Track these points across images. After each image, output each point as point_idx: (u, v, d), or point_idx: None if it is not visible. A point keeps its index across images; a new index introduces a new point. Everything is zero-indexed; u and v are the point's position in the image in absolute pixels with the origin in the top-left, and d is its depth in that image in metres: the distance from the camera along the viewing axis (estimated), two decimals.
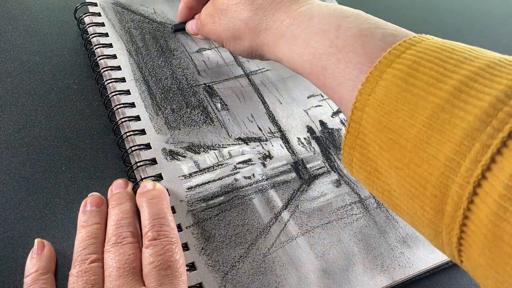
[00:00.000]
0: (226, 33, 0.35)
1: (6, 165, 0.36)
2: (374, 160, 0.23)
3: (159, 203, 0.32)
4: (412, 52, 0.22)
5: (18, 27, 0.45)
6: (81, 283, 0.28)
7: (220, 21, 0.35)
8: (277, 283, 0.32)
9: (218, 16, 0.35)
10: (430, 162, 0.20)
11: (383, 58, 0.23)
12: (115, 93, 0.40)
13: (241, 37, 0.34)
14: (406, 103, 0.21)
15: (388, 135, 0.22)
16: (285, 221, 0.35)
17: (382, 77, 0.22)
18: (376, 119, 0.22)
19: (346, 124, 0.24)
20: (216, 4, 0.35)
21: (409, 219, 0.23)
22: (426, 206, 0.21)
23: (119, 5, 0.48)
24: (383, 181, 0.23)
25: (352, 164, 0.25)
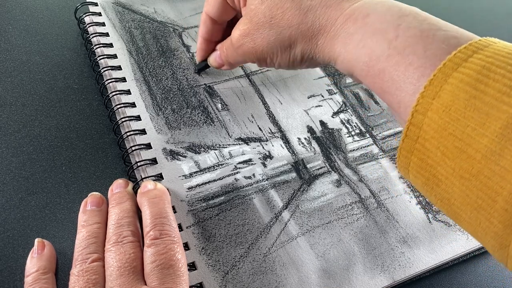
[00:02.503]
0: (273, 46, 0.32)
1: (6, 165, 0.36)
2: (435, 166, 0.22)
3: (160, 203, 0.32)
4: (480, 57, 0.21)
5: (18, 27, 0.45)
6: (82, 283, 0.28)
7: (263, 35, 0.31)
8: (278, 282, 0.32)
9: (259, 31, 0.32)
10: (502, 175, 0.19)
11: (449, 61, 0.22)
12: (115, 93, 0.40)
13: (292, 44, 0.31)
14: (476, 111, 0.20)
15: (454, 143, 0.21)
16: (285, 221, 0.35)
17: (447, 81, 0.21)
18: (440, 125, 0.21)
19: (405, 127, 0.23)
20: (254, 19, 0.32)
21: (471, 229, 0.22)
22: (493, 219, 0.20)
23: (120, 5, 0.48)
24: (443, 189, 0.22)
25: (409, 169, 0.24)
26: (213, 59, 0.38)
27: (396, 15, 0.26)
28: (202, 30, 0.37)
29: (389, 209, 0.38)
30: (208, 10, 0.35)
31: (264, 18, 0.31)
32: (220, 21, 0.36)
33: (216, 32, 0.37)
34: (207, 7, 0.35)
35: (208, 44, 0.38)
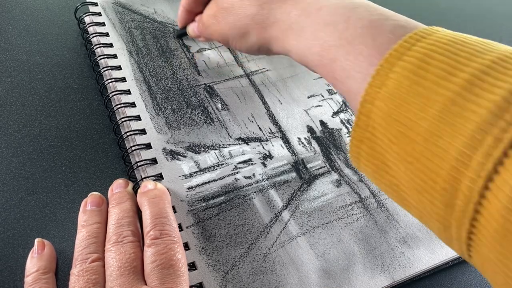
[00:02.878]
0: (232, 31, 0.34)
1: (6, 165, 0.36)
2: (383, 153, 0.23)
3: (160, 203, 0.32)
4: (423, 45, 0.22)
5: (18, 27, 0.45)
6: (82, 283, 0.28)
7: (225, 20, 0.34)
8: (278, 282, 0.32)
9: (222, 15, 0.34)
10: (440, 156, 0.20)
11: (393, 50, 0.23)
12: (115, 93, 0.40)
13: (248, 33, 0.33)
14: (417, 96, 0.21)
15: (398, 128, 0.22)
16: (285, 221, 0.35)
17: (392, 70, 0.22)
18: (386, 112, 0.22)
19: (355, 117, 0.24)
20: (219, 4, 0.34)
21: (417, 213, 0.23)
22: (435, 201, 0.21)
23: (120, 5, 0.48)
24: (392, 175, 0.23)
25: (360, 158, 0.25)
26: (191, 29, 0.40)
27: (348, 8, 0.27)
28: (184, 2, 0.38)
29: (389, 209, 0.38)
30: None
31: (226, 3, 0.33)
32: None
33: (196, 4, 0.38)
34: None
35: (188, 14, 0.39)
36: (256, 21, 0.31)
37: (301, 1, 0.29)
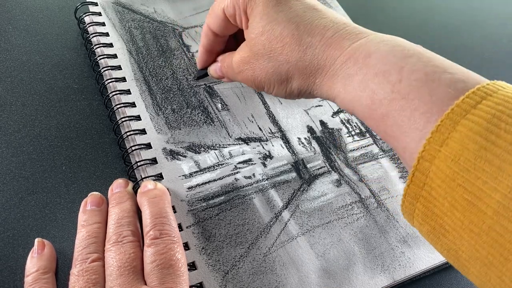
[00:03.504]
0: (270, 78, 0.31)
1: (6, 165, 0.36)
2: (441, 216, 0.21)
3: (160, 202, 0.32)
4: (490, 104, 0.21)
5: (18, 27, 0.45)
6: (82, 282, 0.28)
7: (262, 66, 0.30)
8: (278, 282, 0.32)
9: (258, 61, 0.31)
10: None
11: (456, 106, 0.21)
12: (115, 93, 0.40)
13: (289, 79, 0.30)
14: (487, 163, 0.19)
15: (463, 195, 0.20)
16: (285, 221, 0.35)
17: (455, 128, 0.20)
18: (448, 175, 0.20)
19: (410, 173, 0.22)
20: (254, 49, 0.30)
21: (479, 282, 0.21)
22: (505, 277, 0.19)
23: (120, 5, 0.48)
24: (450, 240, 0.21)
25: (414, 215, 0.24)
26: (213, 70, 0.37)
27: (399, 56, 0.25)
28: (203, 41, 0.35)
29: (389, 208, 0.37)
30: (210, 23, 0.34)
31: (263, 49, 0.30)
32: (221, 35, 0.34)
33: (217, 43, 0.35)
34: (209, 20, 0.34)
35: (209, 54, 0.37)
36: (298, 67, 0.29)
37: (347, 45, 0.27)
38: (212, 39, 0.35)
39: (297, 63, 0.29)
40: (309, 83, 0.29)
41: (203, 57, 0.37)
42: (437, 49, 0.57)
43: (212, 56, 0.37)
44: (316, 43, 0.28)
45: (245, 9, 0.30)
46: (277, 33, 0.29)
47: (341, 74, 0.27)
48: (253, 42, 0.30)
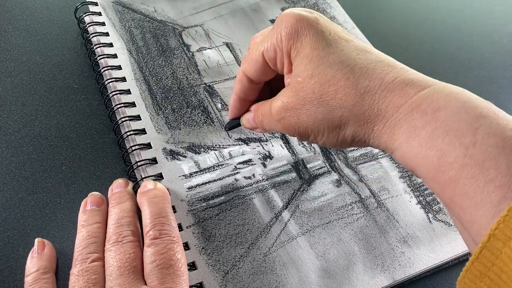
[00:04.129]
0: (320, 124, 0.28)
1: (6, 165, 0.36)
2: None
3: (160, 202, 0.32)
4: None
5: (18, 27, 0.45)
6: (82, 282, 0.28)
7: (310, 112, 0.27)
8: (278, 282, 0.32)
9: (305, 107, 0.28)
10: None
11: None
12: (115, 93, 0.40)
13: (343, 126, 0.27)
14: None
15: None
16: (285, 221, 0.35)
17: None
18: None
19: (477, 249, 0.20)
20: (301, 93, 0.27)
21: None
22: None
23: (120, 4, 0.48)
24: None
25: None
26: (246, 120, 0.34)
27: (473, 114, 0.22)
28: (237, 88, 0.33)
29: (389, 208, 0.37)
30: (246, 69, 0.31)
31: (312, 94, 0.27)
32: (258, 81, 0.32)
33: (252, 91, 0.33)
34: (245, 66, 0.31)
35: (242, 103, 0.34)
36: (354, 113, 0.26)
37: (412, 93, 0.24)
38: (247, 86, 0.32)
39: (353, 108, 0.26)
40: (366, 131, 0.26)
41: (236, 105, 0.34)
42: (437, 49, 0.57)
43: (245, 105, 0.34)
44: (376, 88, 0.25)
45: (289, 52, 0.28)
46: (330, 76, 0.26)
47: (405, 125, 0.24)
48: (300, 86, 0.27)
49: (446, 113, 0.23)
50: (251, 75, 0.31)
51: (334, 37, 0.27)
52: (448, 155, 0.22)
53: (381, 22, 0.55)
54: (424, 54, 0.52)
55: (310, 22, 0.27)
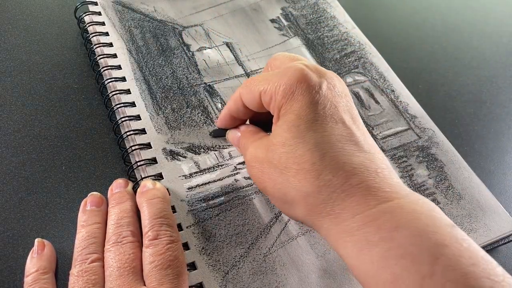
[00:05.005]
0: (275, 193, 0.27)
1: (6, 165, 0.36)
2: None
3: (159, 203, 0.32)
4: None
5: (18, 26, 0.45)
6: (82, 283, 0.28)
7: (271, 176, 0.27)
8: (278, 282, 0.32)
9: (270, 170, 0.27)
10: None
11: None
12: (115, 93, 0.40)
13: (294, 206, 0.26)
14: None
15: None
16: (285, 221, 0.35)
17: None
18: None
19: None
20: (270, 155, 0.27)
21: None
22: None
23: (120, 4, 0.48)
24: None
25: None
26: (231, 137, 0.34)
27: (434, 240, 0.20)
28: (231, 106, 0.32)
29: None
30: (243, 95, 0.30)
31: (278, 162, 0.26)
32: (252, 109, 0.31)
33: (245, 113, 0.32)
34: (243, 91, 0.30)
35: (233, 119, 0.33)
36: (307, 202, 0.25)
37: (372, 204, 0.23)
38: (241, 108, 0.31)
39: (307, 197, 0.25)
40: (315, 223, 0.25)
41: (226, 119, 0.33)
42: (437, 49, 0.57)
43: (235, 121, 0.33)
44: (337, 186, 0.24)
45: (280, 107, 0.27)
46: (298, 154, 0.25)
47: (357, 235, 0.22)
48: (272, 148, 0.27)
49: (404, 234, 0.21)
50: (247, 103, 0.30)
51: (326, 113, 0.26)
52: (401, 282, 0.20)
53: (381, 22, 0.55)
54: (424, 54, 0.52)
55: (310, 88, 0.26)
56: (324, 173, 0.24)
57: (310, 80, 0.26)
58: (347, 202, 0.23)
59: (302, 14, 0.51)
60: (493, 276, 0.20)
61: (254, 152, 0.28)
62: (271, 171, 0.27)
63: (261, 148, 0.28)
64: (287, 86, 0.26)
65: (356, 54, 0.48)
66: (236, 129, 0.34)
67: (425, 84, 0.48)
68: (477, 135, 0.45)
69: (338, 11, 0.52)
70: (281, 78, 0.27)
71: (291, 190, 0.25)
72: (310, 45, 0.48)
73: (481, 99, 0.49)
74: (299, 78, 0.26)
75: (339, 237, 0.24)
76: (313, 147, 0.25)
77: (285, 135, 0.26)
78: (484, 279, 0.19)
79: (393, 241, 0.21)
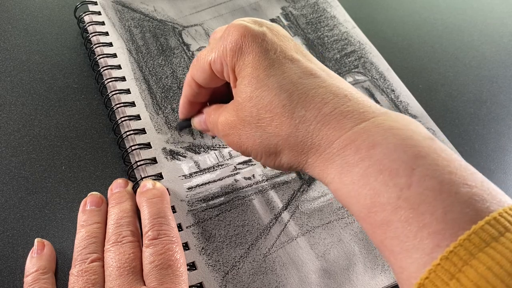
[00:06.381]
0: (257, 148, 0.27)
1: (6, 165, 0.36)
2: None
3: (159, 203, 0.32)
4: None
5: (18, 26, 0.45)
6: (82, 283, 0.28)
7: (248, 134, 0.27)
8: (278, 282, 0.32)
9: (245, 129, 0.27)
10: None
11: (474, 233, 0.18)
12: (115, 92, 0.40)
13: (278, 153, 0.26)
14: None
15: None
16: (285, 222, 0.35)
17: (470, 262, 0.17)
18: None
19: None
20: (240, 114, 0.27)
21: None
22: None
23: (119, 3, 0.47)
24: None
25: None
26: (198, 122, 0.33)
27: (411, 153, 0.21)
28: (186, 91, 0.32)
29: None
30: (194, 76, 0.30)
31: (251, 117, 0.26)
32: (207, 87, 0.31)
33: (202, 95, 0.31)
34: (193, 71, 0.30)
35: (192, 105, 0.33)
36: (289, 143, 0.25)
37: (348, 127, 0.23)
38: (197, 90, 0.31)
39: (287, 138, 0.25)
40: (300, 161, 0.25)
41: (186, 107, 0.33)
42: (437, 49, 0.57)
43: (196, 107, 0.33)
44: (311, 119, 0.24)
45: (233, 68, 0.27)
46: (266, 102, 0.25)
47: (338, 160, 0.23)
48: (240, 107, 0.27)
49: (381, 151, 0.21)
50: (200, 82, 0.30)
51: (279, 56, 0.26)
52: (381, 196, 0.21)
53: (381, 22, 0.55)
54: (424, 54, 0.52)
55: (255, 38, 0.26)
56: (297, 111, 0.24)
57: (253, 30, 0.26)
58: (324, 131, 0.24)
59: (302, 14, 0.51)
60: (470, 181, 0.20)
61: (225, 120, 0.28)
62: (246, 130, 0.27)
63: (229, 113, 0.28)
64: (233, 44, 0.26)
65: (356, 53, 0.48)
66: (199, 114, 0.33)
67: (425, 84, 0.48)
68: (477, 135, 0.45)
69: (338, 11, 0.52)
70: (224, 40, 0.27)
71: (271, 138, 0.26)
72: (310, 44, 0.48)
73: (481, 99, 0.49)
74: (242, 32, 0.26)
75: (323, 167, 0.24)
76: (278, 91, 0.25)
77: (248, 90, 0.26)
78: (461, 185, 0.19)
79: (371, 159, 0.21)
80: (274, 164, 0.27)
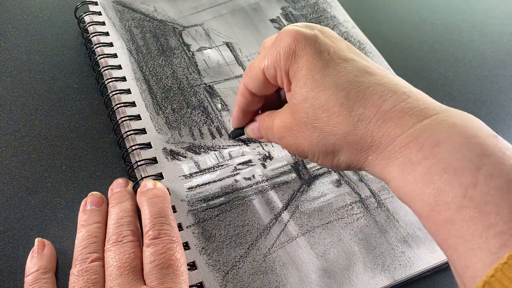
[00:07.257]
0: (314, 149, 0.27)
1: (6, 165, 0.36)
2: None
3: (160, 202, 0.32)
4: None
5: (18, 26, 0.45)
6: (82, 282, 0.28)
7: (305, 135, 0.27)
8: (278, 282, 0.32)
9: (301, 130, 0.27)
10: None
11: None
12: (115, 92, 0.40)
13: (336, 152, 0.26)
14: None
15: None
16: (285, 222, 0.35)
17: None
18: None
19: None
20: (296, 116, 0.27)
21: None
22: None
23: (120, 4, 0.48)
24: None
25: None
26: (251, 130, 0.34)
27: (476, 152, 0.20)
28: (240, 101, 0.32)
29: (389, 208, 0.37)
30: (248, 84, 0.30)
31: (307, 118, 0.26)
32: (260, 95, 0.31)
33: (255, 103, 0.32)
34: (246, 80, 0.30)
35: (245, 114, 0.33)
36: (348, 141, 0.25)
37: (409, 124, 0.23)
38: (250, 99, 0.31)
39: (346, 137, 0.25)
40: (360, 159, 0.25)
41: (240, 117, 0.33)
42: (437, 49, 0.57)
43: (248, 116, 0.33)
44: (371, 116, 0.24)
45: (287, 71, 0.27)
46: (323, 101, 0.25)
47: (400, 158, 0.23)
48: (295, 109, 0.27)
49: (446, 149, 0.21)
50: (253, 89, 0.30)
51: (333, 56, 0.26)
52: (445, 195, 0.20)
53: (381, 22, 0.55)
54: (424, 54, 0.52)
55: (308, 41, 0.26)
56: (355, 109, 0.24)
57: (305, 33, 0.26)
58: (385, 128, 0.23)
59: (302, 14, 0.51)
60: None
61: (280, 123, 0.29)
62: (303, 130, 0.27)
63: (284, 115, 0.28)
64: (286, 48, 0.26)
65: None
66: (252, 122, 0.34)
67: (425, 84, 0.48)
68: None
69: (338, 11, 0.52)
70: (277, 46, 0.27)
71: (329, 138, 0.26)
72: None
73: (481, 99, 0.49)
74: (294, 36, 0.26)
75: (385, 165, 0.24)
76: (335, 90, 0.25)
77: (303, 91, 0.26)
78: None
79: (434, 157, 0.21)
80: (332, 164, 0.27)
